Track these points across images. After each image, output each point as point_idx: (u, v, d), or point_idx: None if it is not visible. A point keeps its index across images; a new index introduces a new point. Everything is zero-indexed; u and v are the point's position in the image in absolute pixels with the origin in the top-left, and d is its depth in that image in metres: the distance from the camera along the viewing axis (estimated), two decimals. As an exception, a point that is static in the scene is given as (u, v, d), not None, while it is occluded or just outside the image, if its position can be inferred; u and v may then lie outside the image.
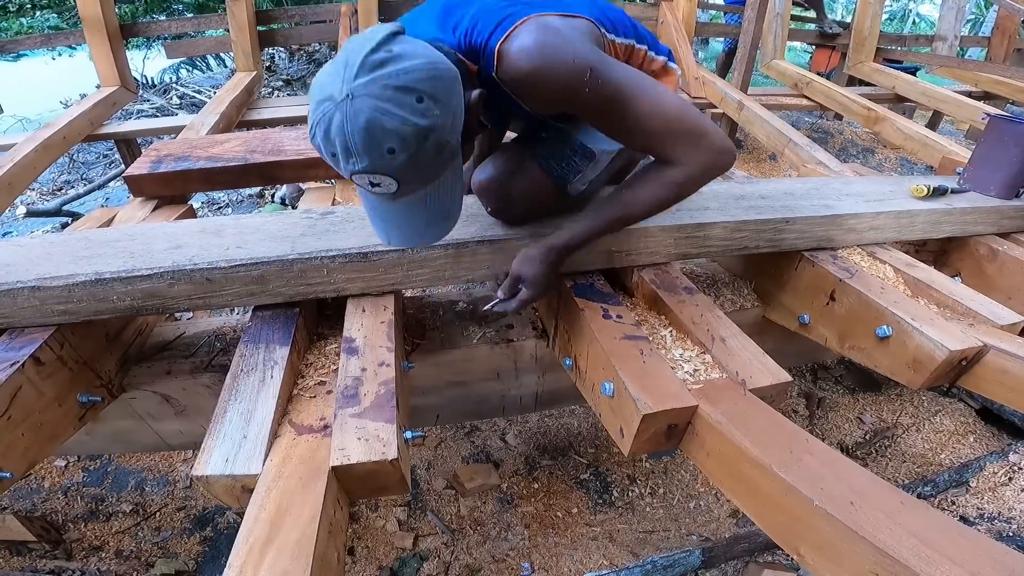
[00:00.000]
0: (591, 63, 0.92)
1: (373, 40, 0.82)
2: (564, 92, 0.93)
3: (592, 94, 0.93)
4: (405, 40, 0.85)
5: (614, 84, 0.95)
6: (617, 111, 0.97)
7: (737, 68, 3.98)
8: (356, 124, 0.80)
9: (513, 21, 0.94)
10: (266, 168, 1.89)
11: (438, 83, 0.84)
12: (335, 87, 0.81)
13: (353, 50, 0.82)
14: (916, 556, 0.71)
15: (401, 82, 0.80)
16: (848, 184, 1.76)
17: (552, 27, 0.93)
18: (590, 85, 0.92)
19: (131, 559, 1.86)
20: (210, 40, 4.70)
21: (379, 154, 0.83)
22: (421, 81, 0.82)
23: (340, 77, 0.81)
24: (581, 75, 0.91)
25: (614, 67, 0.96)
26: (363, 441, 0.91)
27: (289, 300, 1.24)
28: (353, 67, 0.80)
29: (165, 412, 1.45)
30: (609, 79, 0.94)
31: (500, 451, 2.27)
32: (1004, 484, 1.88)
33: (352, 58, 0.81)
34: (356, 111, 0.79)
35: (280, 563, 0.75)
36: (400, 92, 0.80)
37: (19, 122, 5.99)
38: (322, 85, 0.83)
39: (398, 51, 0.82)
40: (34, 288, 1.10)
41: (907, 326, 1.24)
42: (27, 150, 2.67)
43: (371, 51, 0.81)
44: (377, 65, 0.80)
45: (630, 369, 1.05)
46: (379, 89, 0.80)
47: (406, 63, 0.81)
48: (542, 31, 0.92)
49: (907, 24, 15.01)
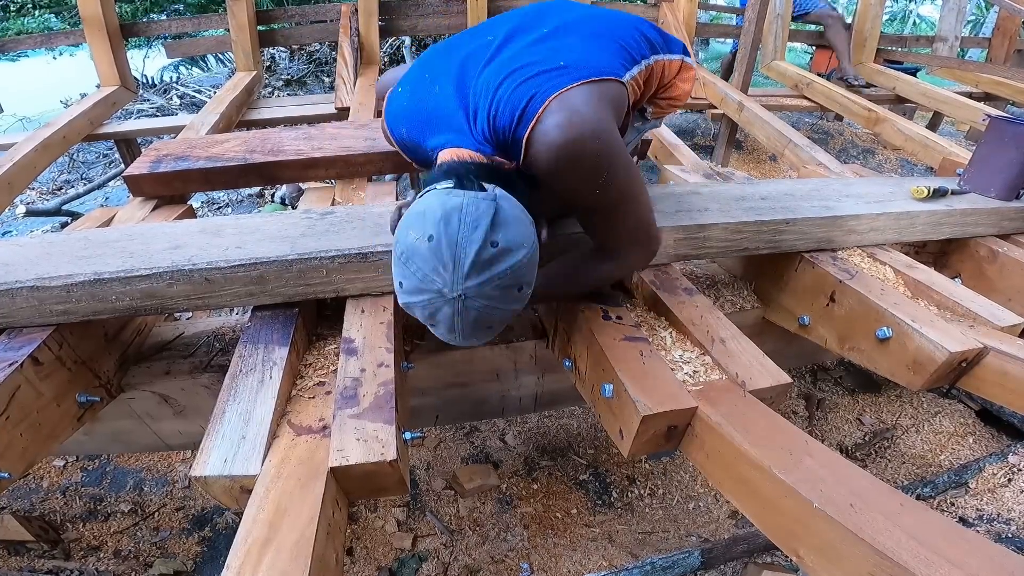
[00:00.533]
0: (608, 164, 0.92)
1: (479, 231, 0.81)
2: (577, 190, 0.95)
3: (599, 195, 0.95)
4: (504, 219, 0.84)
5: (618, 187, 0.97)
6: (606, 215, 1.03)
7: (737, 69, 3.98)
8: (466, 319, 0.85)
9: (538, 106, 0.89)
10: (266, 168, 1.89)
11: (533, 267, 0.89)
12: (444, 282, 0.82)
13: (459, 243, 0.81)
14: (915, 558, 0.71)
15: (509, 280, 0.84)
16: (848, 185, 1.76)
17: (579, 113, 0.88)
18: (601, 187, 0.94)
19: (129, 559, 1.85)
20: (210, 40, 4.70)
21: (480, 335, 0.91)
22: (524, 275, 0.87)
23: (449, 274, 0.82)
24: (596, 178, 0.92)
25: (624, 166, 0.96)
26: (362, 442, 0.91)
27: (288, 301, 1.24)
28: (463, 266, 0.81)
29: (164, 412, 1.45)
30: (617, 181, 0.95)
31: (499, 452, 2.26)
32: (1003, 485, 1.88)
33: (460, 255, 0.81)
34: (467, 308, 0.84)
35: (278, 564, 0.75)
36: (506, 290, 0.85)
37: (19, 121, 5.99)
38: (424, 274, 0.83)
39: (504, 244, 0.83)
40: (33, 288, 1.10)
41: (907, 327, 1.24)
42: (27, 149, 2.67)
43: (480, 248, 0.81)
44: (487, 264, 0.82)
45: (630, 370, 1.05)
46: (490, 290, 0.83)
47: (513, 259, 0.84)
48: (568, 119, 0.87)
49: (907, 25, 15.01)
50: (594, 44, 1.04)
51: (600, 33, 1.07)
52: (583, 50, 1.01)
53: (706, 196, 1.55)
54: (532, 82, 0.92)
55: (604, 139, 0.90)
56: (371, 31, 3.90)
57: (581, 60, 0.97)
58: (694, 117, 5.16)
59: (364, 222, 1.33)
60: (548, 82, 0.91)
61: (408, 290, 0.86)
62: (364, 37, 3.89)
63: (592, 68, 0.96)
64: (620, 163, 0.94)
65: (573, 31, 1.06)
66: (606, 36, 1.07)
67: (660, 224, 1.36)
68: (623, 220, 1.05)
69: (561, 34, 1.05)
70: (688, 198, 1.53)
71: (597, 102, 0.92)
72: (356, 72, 3.53)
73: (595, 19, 1.12)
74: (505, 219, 0.84)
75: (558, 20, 1.09)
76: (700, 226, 1.39)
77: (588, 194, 0.95)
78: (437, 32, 4.26)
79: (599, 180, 0.92)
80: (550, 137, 0.88)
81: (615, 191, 0.97)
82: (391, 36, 4.93)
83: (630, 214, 1.04)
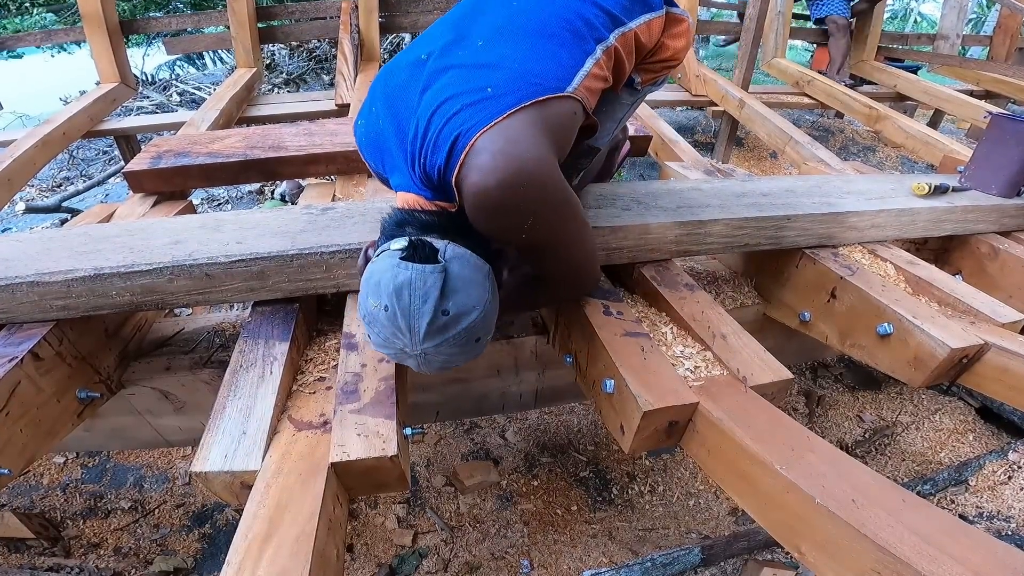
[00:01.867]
0: (533, 211, 0.86)
1: (429, 304, 0.84)
2: (499, 236, 0.94)
3: (527, 238, 0.91)
4: (455, 285, 0.86)
5: (546, 235, 0.94)
6: (536, 254, 1.03)
7: (738, 66, 3.97)
8: (432, 367, 0.92)
9: (462, 147, 0.83)
10: (266, 164, 1.88)
11: (490, 318, 0.92)
12: (404, 344, 0.87)
13: (411, 313, 0.85)
14: (918, 554, 0.71)
15: (464, 339, 0.88)
16: (849, 182, 1.75)
17: (502, 155, 0.80)
18: (528, 231, 0.89)
19: (130, 556, 1.86)
20: (210, 36, 4.70)
21: (447, 371, 0.96)
22: (479, 329, 0.90)
23: (407, 338, 0.86)
24: (521, 223, 0.87)
25: (555, 214, 0.91)
26: (363, 437, 0.91)
27: (289, 296, 1.23)
28: (419, 333, 0.85)
29: (164, 408, 1.44)
30: (547, 225, 0.91)
31: (500, 448, 2.27)
32: (1003, 483, 1.88)
33: (415, 324, 0.85)
34: (430, 361, 0.90)
35: (279, 560, 0.74)
36: (464, 346, 0.90)
37: (19, 119, 5.98)
38: (386, 337, 0.88)
39: (455, 311, 0.86)
40: (33, 283, 1.10)
41: (908, 324, 1.23)
42: (26, 146, 2.66)
43: (432, 319, 0.85)
44: (441, 329, 0.86)
45: (631, 366, 1.04)
46: (447, 347, 0.88)
47: (465, 322, 0.87)
48: (491, 165, 0.80)
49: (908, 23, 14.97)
50: (533, 50, 0.93)
51: (542, 29, 0.95)
52: (518, 62, 0.90)
53: (707, 192, 1.55)
54: (457, 119, 0.84)
55: (531, 182, 0.82)
56: (371, 27, 3.89)
57: (513, 80, 0.87)
58: (695, 114, 5.16)
59: (365, 217, 1.32)
60: (473, 117, 0.84)
61: (376, 343, 0.92)
62: (364, 34, 3.88)
63: (525, 89, 0.86)
64: (552, 204, 0.88)
65: (510, 34, 0.95)
66: (549, 32, 0.95)
67: (661, 220, 1.36)
68: (553, 261, 1.05)
69: (497, 41, 0.94)
70: (689, 194, 1.52)
71: (527, 132, 0.83)
72: (356, 69, 3.52)
73: (537, 6, 0.99)
74: (454, 287, 0.86)
75: (496, 19, 0.98)
76: (701, 222, 1.39)
77: (514, 237, 0.92)
78: (437, 29, 4.25)
79: (523, 226, 0.87)
80: (471, 182, 0.82)
81: (543, 234, 0.92)
82: (391, 32, 4.93)
83: (560, 256, 1.03)
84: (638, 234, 1.35)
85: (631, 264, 1.41)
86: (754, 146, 4.88)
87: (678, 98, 4.09)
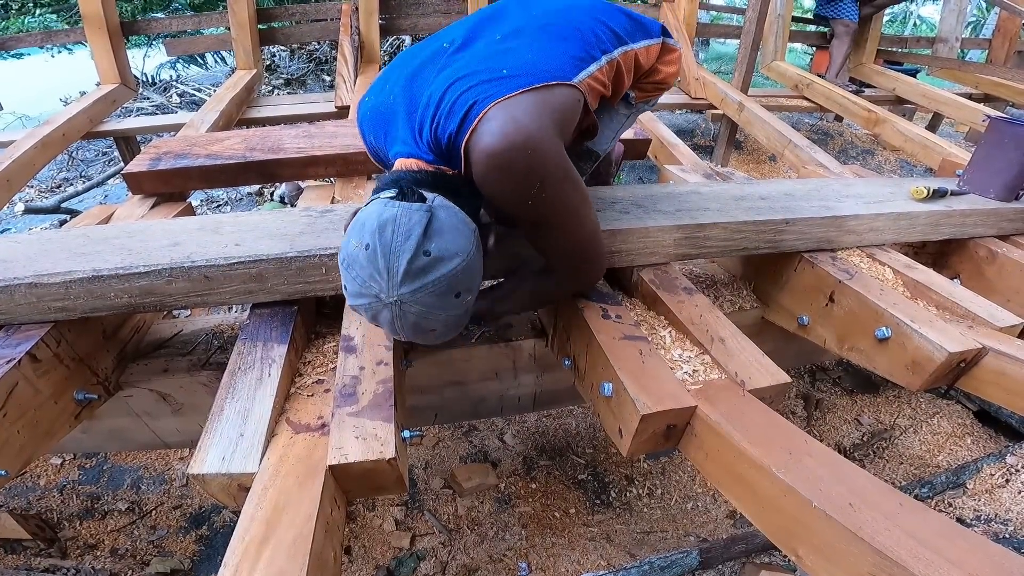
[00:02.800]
0: (542, 176, 0.89)
1: (411, 241, 0.84)
2: (510, 202, 0.94)
3: (531, 207, 0.93)
4: (439, 229, 0.87)
5: (551, 207, 0.96)
6: (541, 229, 1.02)
7: (737, 69, 3.98)
8: (405, 321, 0.89)
9: (477, 113, 0.88)
10: (265, 166, 1.89)
11: (471, 272, 0.91)
12: (380, 288, 0.86)
13: (392, 251, 0.85)
14: (915, 558, 0.71)
15: (443, 288, 0.88)
16: (848, 186, 1.76)
17: (515, 121, 0.86)
18: (533, 198, 0.91)
19: (126, 557, 1.85)
20: (210, 38, 4.70)
21: (423, 335, 0.94)
22: (459, 280, 0.89)
23: (384, 281, 0.85)
24: (528, 189, 0.90)
25: (560, 181, 0.94)
26: (361, 440, 0.91)
27: (287, 298, 1.23)
28: (397, 274, 0.85)
29: (162, 410, 1.44)
30: (551, 198, 0.94)
31: (498, 451, 2.26)
32: (1001, 486, 1.88)
33: (393, 263, 0.85)
34: (405, 313, 0.88)
35: (276, 562, 0.74)
36: (442, 296, 0.88)
37: (19, 119, 5.98)
38: (363, 280, 0.87)
39: (436, 252, 0.86)
40: (31, 284, 1.10)
41: (906, 328, 1.24)
42: (26, 147, 2.66)
43: (412, 257, 0.84)
44: (420, 272, 0.85)
45: (629, 369, 1.04)
46: (424, 296, 0.87)
47: (446, 267, 0.87)
48: (502, 128, 0.85)
49: (908, 26, 15.01)
50: (546, 46, 1.02)
51: (556, 33, 1.05)
52: (532, 53, 0.98)
53: (706, 196, 1.55)
54: (473, 91, 0.90)
55: (539, 149, 0.87)
56: (372, 29, 3.90)
57: (526, 66, 0.95)
58: (694, 117, 5.16)
59: (363, 220, 1.32)
60: (488, 90, 0.90)
61: (352, 293, 0.90)
62: (365, 35, 3.89)
63: (536, 74, 0.93)
64: (556, 176, 0.92)
65: (527, 33, 1.04)
66: (561, 34, 1.05)
67: (660, 223, 1.36)
68: (557, 237, 1.04)
69: (513, 38, 1.03)
70: (688, 198, 1.53)
71: (536, 110, 0.89)
72: (356, 71, 3.53)
73: (552, 15, 1.09)
74: (439, 228, 0.87)
75: (516, 21, 1.08)
76: (700, 225, 1.39)
77: (519, 205, 0.93)
78: (437, 30, 4.26)
79: (530, 191, 0.90)
80: (482, 144, 0.86)
81: (548, 205, 0.95)
82: (392, 35, 4.93)
83: (565, 232, 1.03)
84: (637, 237, 1.35)
85: (630, 267, 1.41)
86: (753, 149, 4.89)
87: (677, 101, 4.10)
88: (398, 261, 0.84)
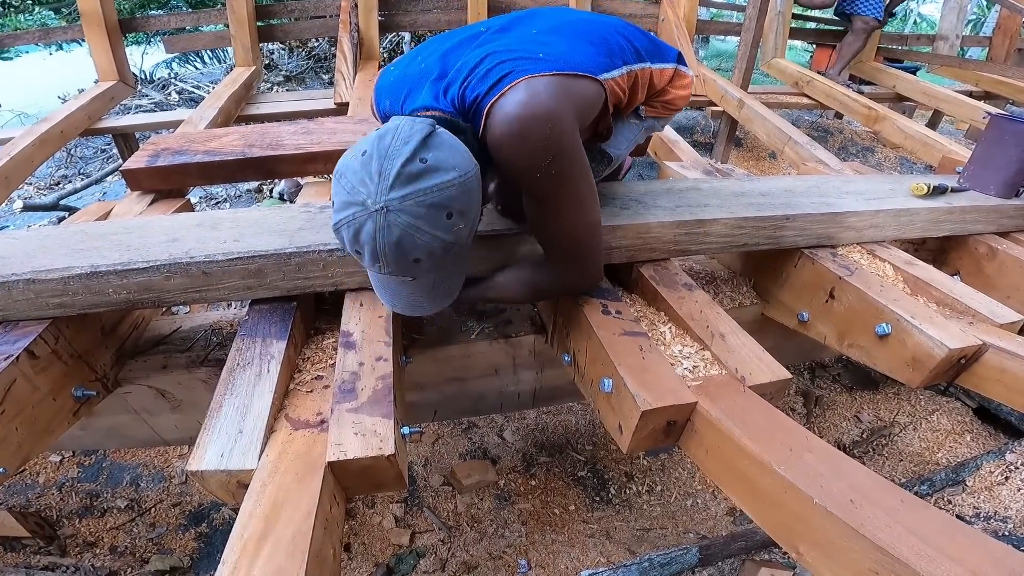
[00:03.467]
0: (555, 150, 0.92)
1: (409, 145, 0.83)
2: (520, 169, 0.94)
3: (540, 180, 0.95)
4: (439, 144, 0.86)
5: (561, 180, 0.97)
6: (545, 206, 1.01)
7: (738, 66, 3.97)
8: (389, 237, 0.83)
9: (508, 81, 0.92)
10: (265, 162, 1.88)
11: (467, 196, 0.88)
12: (368, 193, 0.82)
13: (388, 155, 0.83)
14: (916, 554, 0.71)
15: (435, 199, 0.83)
16: (848, 182, 1.75)
17: (538, 95, 0.90)
18: (543, 171, 0.93)
19: (126, 555, 1.85)
20: (209, 35, 4.67)
21: (405, 264, 0.88)
22: (453, 198, 0.85)
23: (374, 184, 0.82)
24: (542, 159, 0.92)
25: (571, 161, 0.96)
26: (360, 436, 0.90)
27: (287, 294, 1.23)
28: (388, 177, 0.81)
29: (161, 407, 1.44)
30: (560, 175, 0.95)
31: (498, 448, 2.26)
32: (1000, 483, 1.88)
33: (387, 166, 0.82)
34: (390, 224, 0.82)
35: (275, 559, 0.74)
36: (432, 209, 0.84)
37: (17, 117, 5.96)
38: (352, 186, 0.84)
39: (433, 162, 0.83)
40: (29, 281, 1.09)
41: (906, 324, 1.23)
42: (24, 144, 2.66)
43: (407, 160, 0.82)
44: (413, 178, 0.82)
45: (629, 365, 1.04)
46: (414, 205, 0.82)
47: (440, 178, 0.83)
48: (527, 98, 0.89)
49: (908, 24, 15.00)
50: (576, 44, 1.07)
51: (585, 36, 1.11)
52: (564, 48, 1.04)
53: (706, 192, 1.55)
54: (509, 63, 0.95)
55: (557, 125, 0.91)
56: (371, 26, 3.89)
57: (559, 55, 1.00)
58: (694, 114, 5.15)
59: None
60: (524, 66, 0.94)
61: (338, 207, 0.86)
62: (364, 32, 3.87)
63: (568, 63, 0.98)
64: (568, 154, 0.95)
65: (559, 32, 1.10)
66: (590, 39, 1.11)
67: (660, 219, 1.36)
68: (559, 220, 1.04)
69: (547, 33, 1.09)
70: (688, 194, 1.52)
71: (561, 93, 0.93)
72: (355, 67, 3.52)
73: (583, 23, 1.16)
74: (439, 142, 0.86)
75: (549, 22, 1.14)
76: (700, 221, 1.39)
77: (528, 174, 0.95)
78: (437, 27, 4.25)
79: (542, 163, 0.92)
80: (505, 109, 0.90)
81: (555, 181, 0.96)
82: (391, 31, 4.92)
83: (567, 215, 1.03)
84: (637, 233, 1.35)
85: (630, 263, 1.40)
86: (753, 146, 4.88)
87: (677, 98, 4.08)
88: (392, 164, 0.82)
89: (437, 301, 1.03)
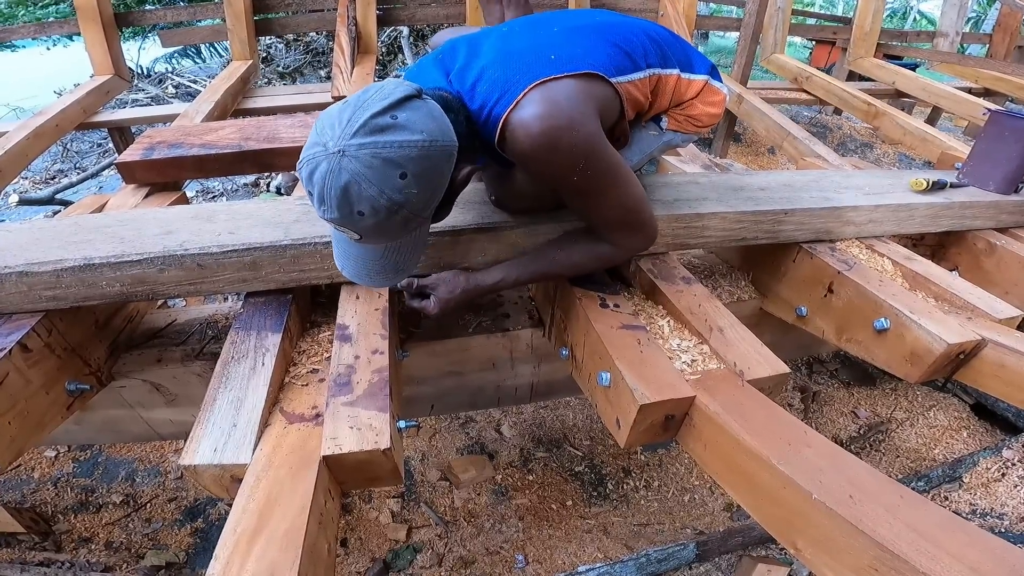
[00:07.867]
0: (586, 153, 0.94)
1: (385, 101, 0.83)
2: (555, 176, 0.97)
3: (578, 181, 0.97)
4: (417, 108, 0.86)
5: (598, 176, 0.98)
6: (591, 198, 1.04)
7: (737, 61, 3.96)
8: (336, 181, 0.82)
9: (520, 89, 0.92)
10: (261, 156, 1.86)
11: (427, 163, 0.86)
12: (331, 136, 0.82)
13: (363, 105, 0.83)
14: (916, 551, 0.70)
15: (391, 155, 0.82)
16: (847, 177, 1.75)
17: (558, 104, 0.91)
18: (579, 174, 0.95)
19: (121, 550, 1.84)
20: (206, 29, 4.63)
21: (348, 213, 0.85)
22: (411, 160, 0.83)
23: (340, 128, 0.82)
24: (575, 164, 0.94)
25: (603, 157, 0.98)
26: (355, 430, 0.89)
27: (282, 287, 1.22)
28: (355, 125, 0.81)
29: (155, 401, 1.43)
30: (596, 170, 0.97)
31: (495, 442, 2.26)
32: (997, 480, 1.88)
33: (357, 115, 0.82)
34: (340, 169, 0.81)
35: (269, 554, 0.73)
36: (387, 165, 0.82)
37: (13, 111, 5.93)
38: (322, 128, 0.84)
39: (403, 120, 0.83)
40: (22, 273, 1.08)
41: (905, 319, 1.23)
42: (18, 138, 2.63)
43: (377, 113, 0.82)
44: (377, 130, 0.82)
45: (627, 359, 1.03)
46: (369, 156, 0.81)
47: (404, 136, 0.83)
48: (547, 109, 0.90)
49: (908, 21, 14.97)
50: (591, 44, 1.06)
51: (603, 37, 1.09)
52: (577, 47, 1.03)
53: (704, 186, 1.54)
54: (519, 67, 0.95)
55: (581, 131, 0.92)
56: (369, 20, 3.86)
57: (571, 55, 0.99)
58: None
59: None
60: (533, 68, 0.95)
61: (306, 146, 0.86)
62: (361, 26, 3.85)
63: (579, 63, 0.98)
64: (598, 153, 0.96)
65: (576, 32, 1.09)
66: (607, 39, 1.09)
67: (657, 213, 1.35)
68: (609, 206, 1.06)
69: (564, 33, 1.08)
70: (686, 188, 1.51)
71: (577, 95, 0.94)
72: (353, 61, 3.49)
73: (603, 23, 1.13)
74: (418, 105, 0.86)
75: (570, 22, 1.12)
76: (698, 215, 1.38)
77: (566, 179, 0.97)
78: (435, 21, 4.22)
79: (577, 168, 0.94)
80: (528, 124, 0.90)
81: (596, 180, 0.98)
82: (389, 25, 4.89)
83: (616, 200, 1.05)
84: (635, 227, 1.34)
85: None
86: (752, 141, 4.88)
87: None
88: (362, 114, 0.82)
89: (386, 274, 1.01)
